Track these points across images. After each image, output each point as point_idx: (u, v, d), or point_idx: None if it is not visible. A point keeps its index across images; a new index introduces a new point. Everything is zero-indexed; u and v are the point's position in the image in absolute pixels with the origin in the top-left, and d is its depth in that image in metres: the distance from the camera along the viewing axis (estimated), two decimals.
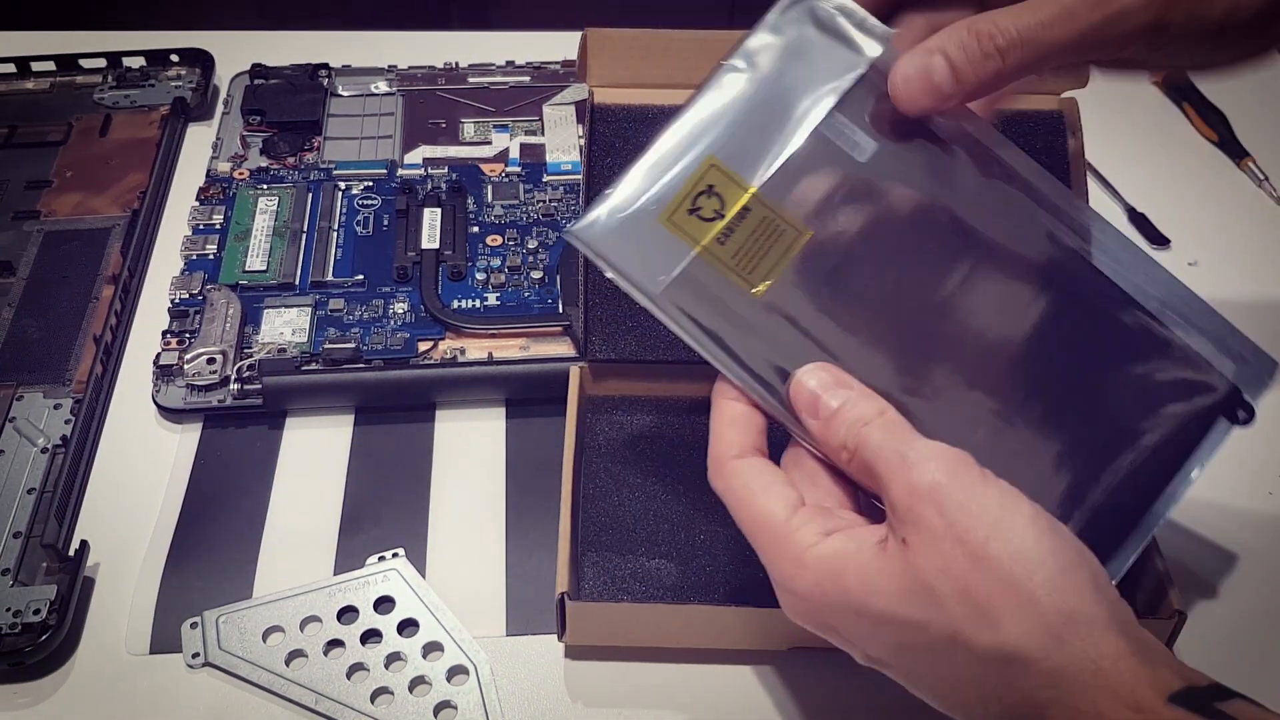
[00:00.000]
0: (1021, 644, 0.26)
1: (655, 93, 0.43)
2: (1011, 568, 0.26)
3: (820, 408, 0.31)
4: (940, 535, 0.27)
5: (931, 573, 0.27)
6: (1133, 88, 0.67)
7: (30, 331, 0.50)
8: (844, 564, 0.29)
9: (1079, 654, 0.26)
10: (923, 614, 0.27)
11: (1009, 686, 0.27)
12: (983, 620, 0.26)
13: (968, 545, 0.27)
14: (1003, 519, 0.27)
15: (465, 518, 0.45)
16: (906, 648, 0.28)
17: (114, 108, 0.61)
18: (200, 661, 0.39)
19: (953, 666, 0.28)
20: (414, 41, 0.68)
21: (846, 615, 0.29)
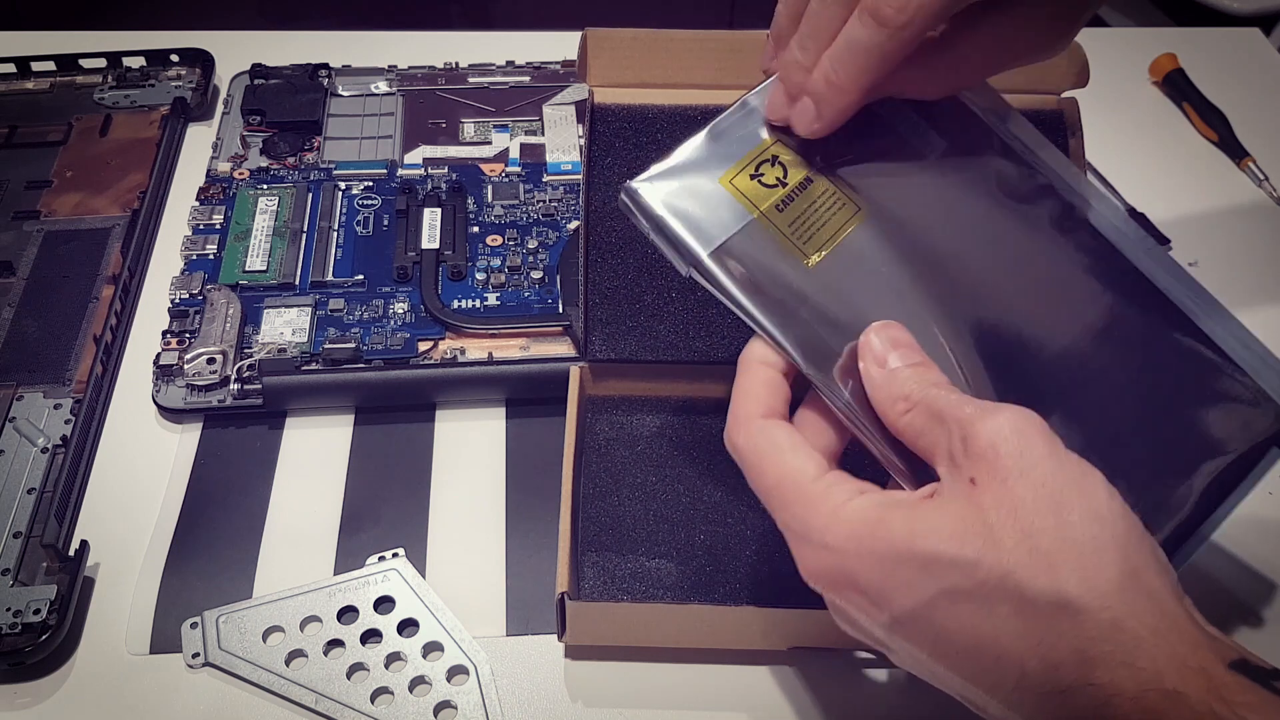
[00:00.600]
0: (1081, 592, 0.25)
1: (655, 93, 0.43)
2: (1083, 521, 0.26)
3: (890, 359, 0.30)
4: (1016, 476, 0.26)
5: (996, 511, 0.26)
6: (1133, 87, 0.67)
7: (30, 331, 0.50)
8: (888, 512, 0.28)
9: (1141, 610, 0.25)
10: (975, 553, 0.26)
11: (1057, 637, 0.25)
12: (1043, 564, 0.25)
13: (1043, 491, 0.26)
14: (1081, 479, 0.26)
15: (465, 518, 0.45)
16: (946, 595, 0.27)
17: (114, 108, 0.61)
18: (200, 661, 0.39)
19: (995, 616, 0.26)
20: (414, 41, 0.68)
21: (882, 566, 0.27)
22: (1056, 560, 0.25)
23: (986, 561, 0.26)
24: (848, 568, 0.28)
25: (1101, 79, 0.43)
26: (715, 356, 0.44)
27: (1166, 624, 0.25)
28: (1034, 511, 0.26)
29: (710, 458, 0.44)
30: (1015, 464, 0.26)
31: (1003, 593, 0.26)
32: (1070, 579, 0.25)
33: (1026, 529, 0.26)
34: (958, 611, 0.27)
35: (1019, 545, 0.26)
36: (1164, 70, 0.66)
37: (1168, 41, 0.69)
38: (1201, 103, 0.64)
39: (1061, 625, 0.25)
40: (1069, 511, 0.26)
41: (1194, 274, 0.55)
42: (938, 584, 0.27)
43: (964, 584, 0.26)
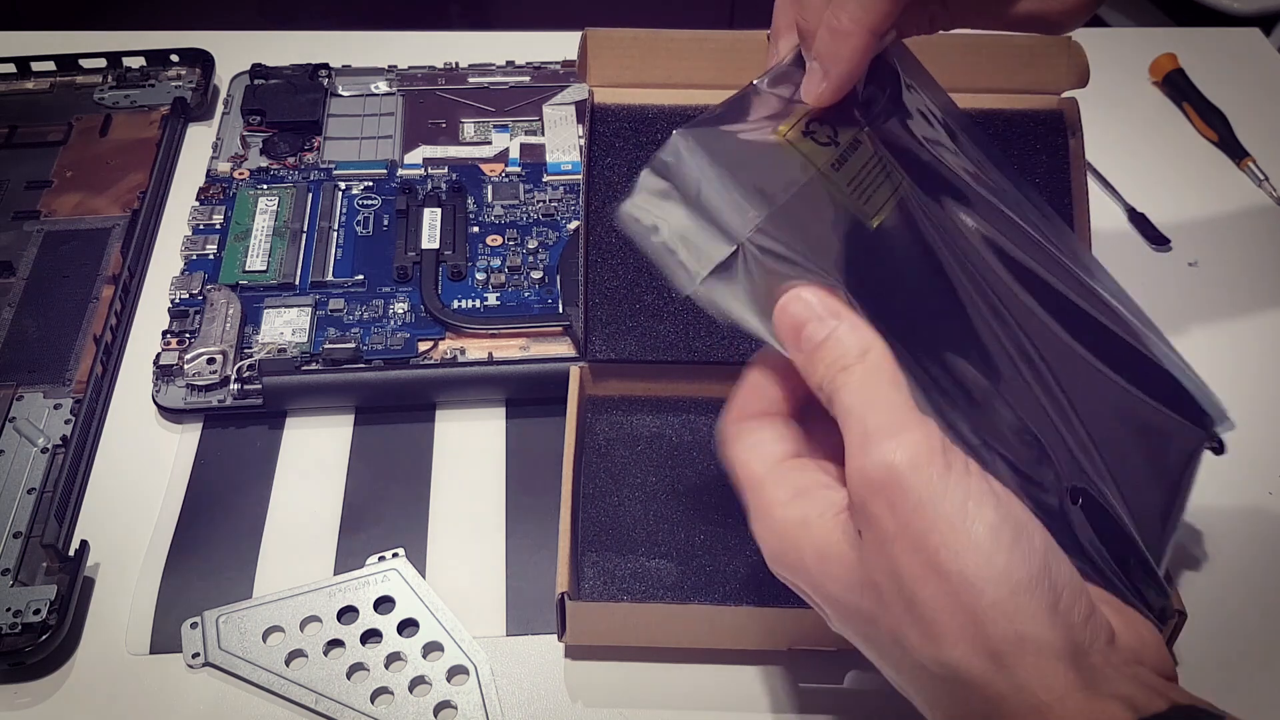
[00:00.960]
0: (963, 665, 0.25)
1: (655, 92, 0.43)
2: (959, 584, 0.24)
3: (804, 339, 0.28)
4: (891, 537, 0.25)
5: (879, 573, 0.26)
6: (1133, 87, 0.67)
7: (30, 331, 0.50)
8: (803, 537, 0.28)
9: (1021, 684, 0.24)
10: (872, 609, 0.26)
11: (954, 698, 0.26)
12: (927, 633, 0.25)
13: (918, 553, 0.25)
14: (960, 526, 0.25)
15: (465, 517, 0.45)
16: (859, 635, 0.28)
17: (114, 108, 0.61)
18: (200, 661, 0.39)
19: (901, 665, 0.27)
20: (414, 41, 0.68)
21: (809, 585, 0.29)
22: (938, 628, 0.25)
23: (883, 620, 0.26)
24: (786, 573, 0.29)
25: (1101, 79, 0.43)
26: (715, 356, 0.44)
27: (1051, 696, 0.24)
28: (912, 576, 0.25)
29: (710, 458, 0.44)
30: (891, 524, 0.25)
31: (901, 651, 0.26)
32: (953, 651, 0.25)
33: (909, 595, 0.25)
34: (871, 647, 0.28)
35: (905, 612, 0.25)
36: (1164, 70, 0.66)
37: (1168, 41, 0.69)
38: (1201, 103, 0.64)
39: (954, 689, 0.25)
40: (945, 577, 0.25)
41: (1194, 274, 0.55)
42: (851, 623, 0.28)
43: (870, 631, 0.27)
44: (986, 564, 0.24)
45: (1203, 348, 0.52)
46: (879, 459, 0.25)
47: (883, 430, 0.26)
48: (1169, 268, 0.56)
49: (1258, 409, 0.49)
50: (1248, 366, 0.51)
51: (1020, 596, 0.24)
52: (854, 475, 0.26)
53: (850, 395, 0.27)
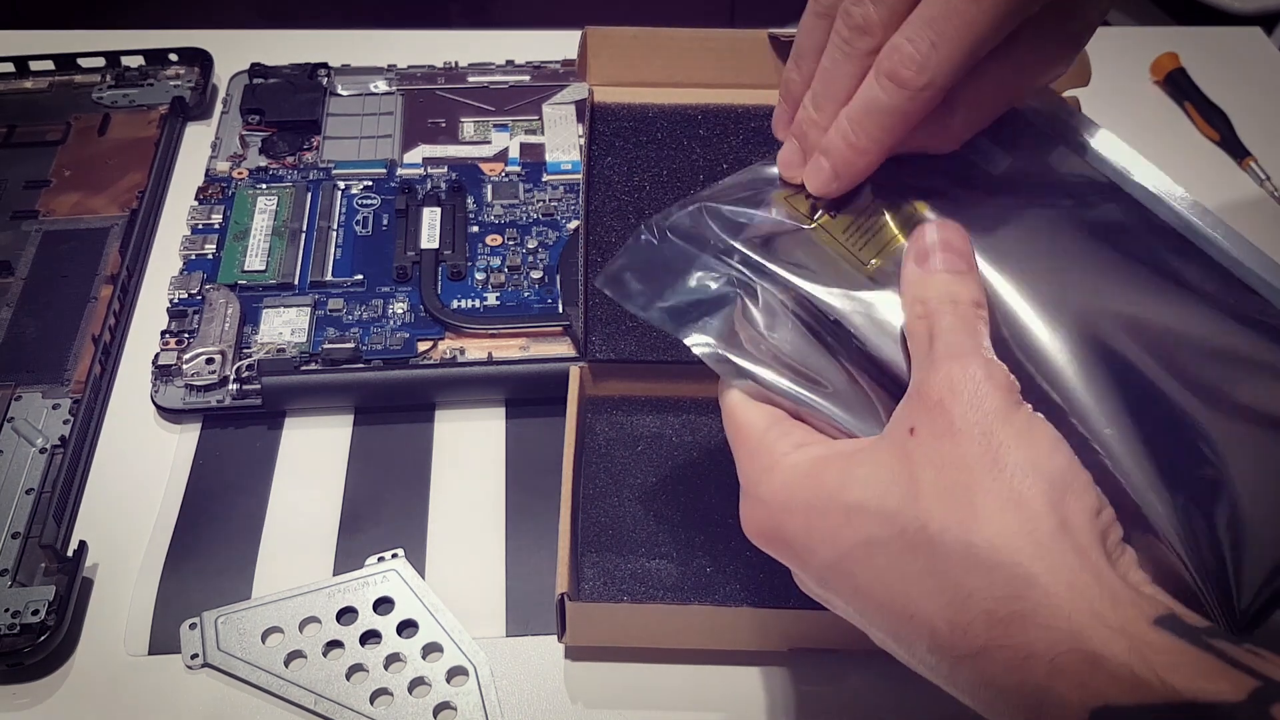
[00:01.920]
0: (995, 545, 0.24)
1: (655, 92, 0.43)
2: (1014, 473, 0.24)
3: (930, 262, 0.29)
4: (954, 433, 0.25)
5: (925, 464, 0.25)
6: (1134, 86, 0.67)
7: (28, 331, 0.50)
8: (823, 464, 0.28)
9: (1060, 564, 0.23)
10: (896, 503, 0.25)
11: (966, 597, 0.24)
12: (959, 516, 0.24)
13: (978, 448, 0.25)
14: (1027, 432, 0.25)
15: (465, 518, 0.45)
16: (864, 545, 0.26)
17: (113, 107, 0.61)
18: (199, 662, 0.39)
19: (907, 571, 0.25)
20: (413, 41, 0.68)
21: (808, 517, 0.27)
22: (974, 513, 0.24)
23: (905, 513, 0.25)
24: (777, 521, 0.28)
25: (1102, 78, 0.43)
26: None
27: (1087, 579, 0.23)
28: (962, 467, 0.25)
29: (710, 458, 0.44)
30: (958, 421, 0.25)
31: (916, 546, 0.25)
32: (984, 531, 0.24)
33: (951, 483, 0.25)
34: (874, 564, 0.26)
35: (940, 498, 0.25)
36: (1165, 69, 0.66)
37: (1169, 41, 0.69)
38: (1203, 102, 0.64)
39: (970, 583, 0.24)
40: (1001, 465, 0.25)
41: None
42: (857, 534, 0.26)
43: (881, 534, 0.26)
44: (1046, 462, 0.25)
45: None
46: (969, 367, 0.26)
47: (976, 354, 0.27)
48: None
49: None
50: None
51: (1071, 496, 0.25)
52: (938, 375, 0.26)
53: (952, 321, 0.27)
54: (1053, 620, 0.23)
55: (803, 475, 0.28)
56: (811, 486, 0.27)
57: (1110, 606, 0.23)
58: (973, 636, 0.24)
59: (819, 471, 0.28)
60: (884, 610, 0.26)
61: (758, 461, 0.29)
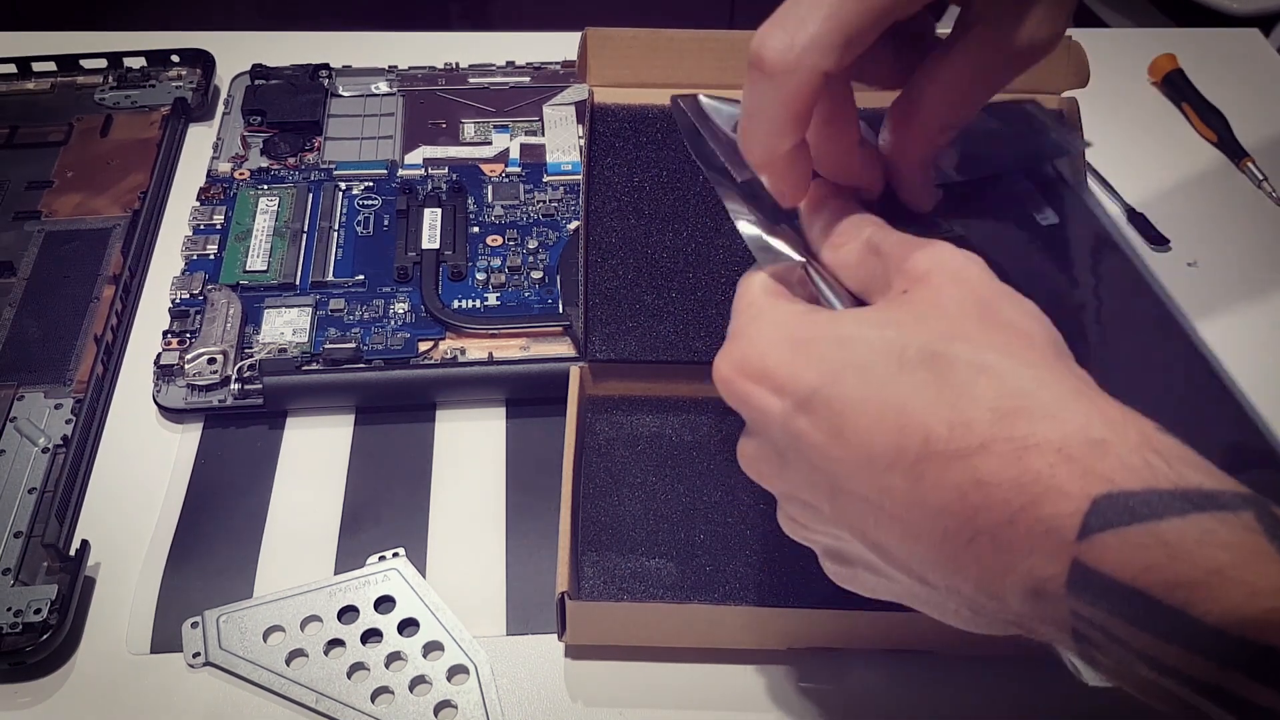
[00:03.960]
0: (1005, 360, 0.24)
1: (655, 92, 0.43)
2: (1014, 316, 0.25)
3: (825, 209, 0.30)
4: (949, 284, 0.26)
5: (925, 305, 0.26)
6: (1132, 88, 0.67)
7: (31, 331, 0.50)
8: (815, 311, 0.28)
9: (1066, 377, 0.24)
10: (898, 331, 0.25)
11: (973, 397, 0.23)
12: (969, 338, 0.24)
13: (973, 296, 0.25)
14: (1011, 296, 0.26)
15: (465, 517, 0.45)
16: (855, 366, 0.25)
17: (115, 108, 0.62)
18: (201, 661, 0.39)
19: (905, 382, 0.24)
20: (414, 42, 0.68)
21: (794, 346, 0.27)
22: (982, 338, 0.24)
23: (907, 335, 0.25)
24: (759, 351, 0.27)
25: (1100, 79, 0.43)
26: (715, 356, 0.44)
27: (1093, 394, 0.23)
28: (961, 311, 0.25)
29: (710, 458, 0.44)
30: (952, 278, 0.26)
31: (919, 363, 0.24)
32: (994, 350, 0.24)
33: (958, 316, 0.25)
34: (866, 380, 0.25)
35: (946, 326, 0.25)
36: (1163, 71, 0.66)
37: (1167, 42, 0.69)
38: (1201, 103, 0.64)
39: (979, 385, 0.23)
40: (1000, 308, 0.25)
41: (1193, 275, 0.55)
42: (851, 356, 0.25)
43: (878, 356, 0.25)
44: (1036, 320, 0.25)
45: None
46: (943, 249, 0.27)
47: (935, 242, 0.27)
48: (1168, 268, 0.56)
49: (1258, 409, 0.49)
50: (1247, 366, 0.51)
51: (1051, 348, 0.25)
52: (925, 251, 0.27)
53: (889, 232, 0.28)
54: (1063, 413, 0.22)
55: (795, 315, 0.28)
56: (803, 323, 0.27)
57: (1119, 412, 0.23)
58: (976, 432, 0.23)
59: (812, 313, 0.28)
60: (870, 425, 0.25)
61: (748, 314, 0.29)
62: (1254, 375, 0.51)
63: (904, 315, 0.26)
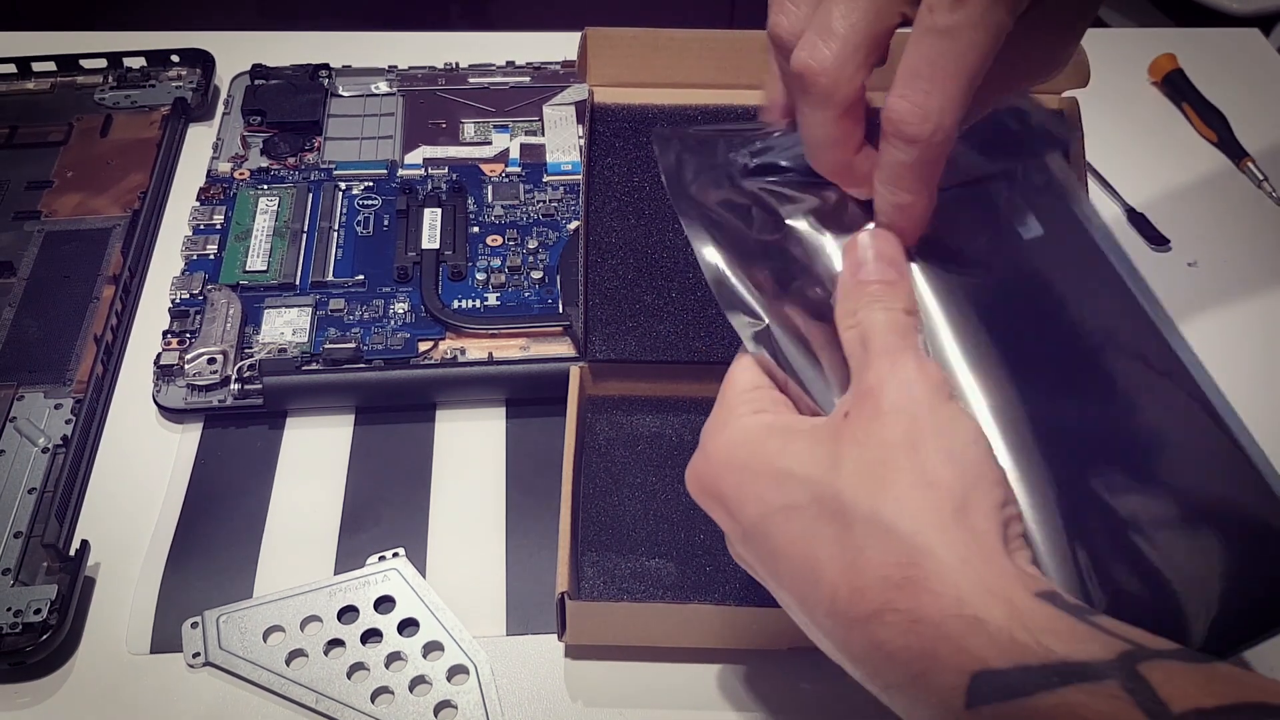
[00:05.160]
0: (902, 515, 0.25)
1: (655, 92, 0.43)
2: (929, 457, 0.26)
3: (862, 270, 0.30)
4: (882, 413, 0.26)
5: (852, 441, 0.27)
6: (1133, 88, 0.67)
7: (31, 331, 0.50)
8: (765, 431, 0.29)
9: (956, 540, 0.25)
10: (819, 474, 0.27)
11: (866, 561, 0.25)
12: (872, 486, 0.26)
13: (902, 430, 0.26)
14: (948, 424, 0.26)
15: (465, 517, 0.45)
16: (784, 509, 0.27)
17: (114, 108, 0.62)
18: (201, 661, 0.39)
19: (819, 535, 0.26)
20: (414, 42, 0.68)
21: (742, 476, 0.29)
22: (886, 485, 0.25)
23: (825, 482, 0.26)
24: (716, 475, 0.30)
25: (1101, 79, 0.43)
26: (715, 357, 0.44)
27: (979, 555, 0.25)
28: (885, 445, 0.26)
29: None
30: (886, 405, 0.27)
31: (830, 514, 0.26)
32: (892, 503, 0.25)
33: (871, 460, 0.26)
34: (791, 526, 0.27)
35: (858, 472, 0.26)
36: (1163, 70, 0.66)
37: (1167, 42, 0.69)
38: (1201, 103, 0.64)
39: (872, 548, 0.25)
40: (918, 448, 0.26)
41: (1193, 275, 0.55)
42: (782, 498, 0.27)
43: (801, 500, 0.27)
44: (962, 453, 0.26)
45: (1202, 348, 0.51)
46: (901, 365, 0.27)
47: (909, 354, 0.28)
48: (1168, 268, 0.56)
49: (1258, 409, 0.49)
50: (1247, 366, 0.51)
51: (981, 487, 0.26)
52: (869, 370, 0.28)
53: (884, 324, 0.29)
54: (942, 587, 0.24)
55: (748, 437, 0.29)
56: (752, 449, 0.29)
57: (997, 578, 0.24)
58: (869, 600, 0.25)
59: (763, 438, 0.29)
60: (794, 573, 0.27)
61: (717, 418, 0.30)
62: (1254, 375, 0.51)
63: (835, 450, 0.27)
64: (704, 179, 0.33)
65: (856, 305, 0.29)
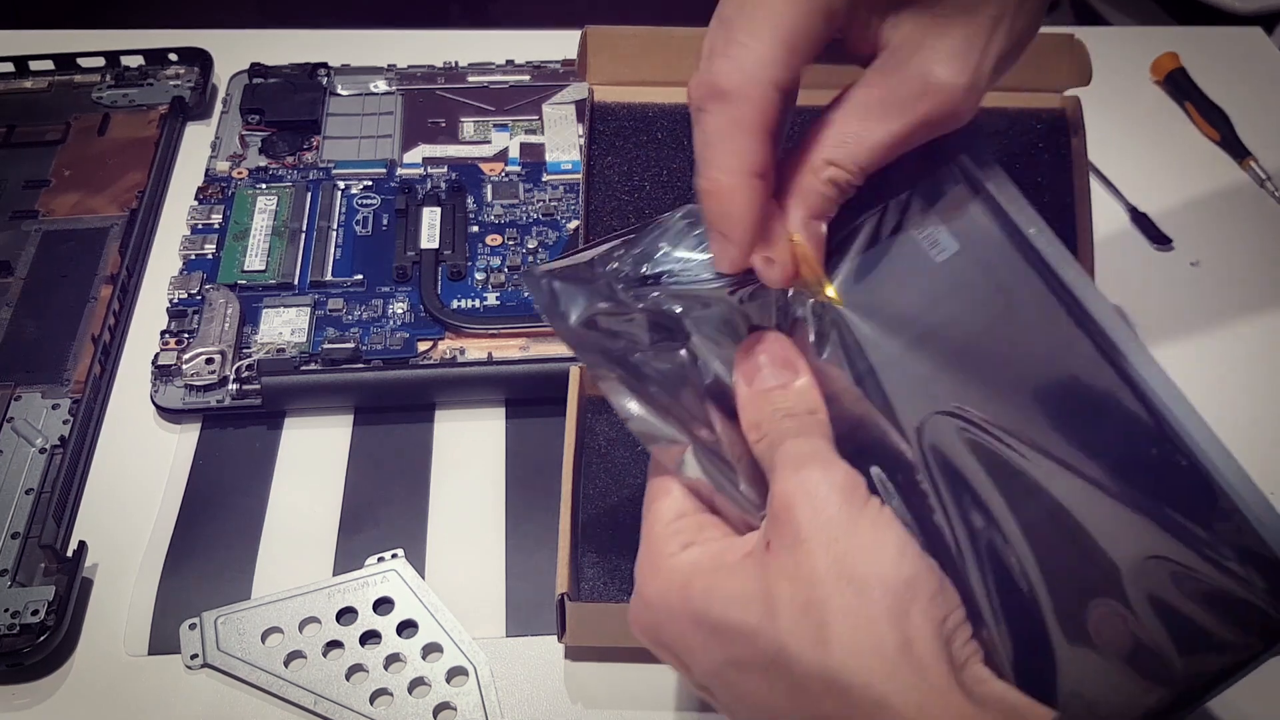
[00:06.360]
0: (848, 669, 0.24)
1: (655, 91, 0.43)
2: (861, 589, 0.25)
3: (758, 379, 0.29)
4: (803, 539, 0.26)
5: (780, 580, 0.26)
6: (1135, 86, 0.67)
7: (28, 331, 0.50)
8: (695, 571, 0.28)
9: (908, 685, 0.24)
10: (756, 622, 0.26)
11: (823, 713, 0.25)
12: (814, 637, 0.25)
13: (826, 560, 0.25)
14: (870, 540, 0.26)
15: (465, 518, 0.44)
16: (732, 664, 0.27)
17: (112, 107, 0.61)
18: (199, 663, 0.39)
19: (774, 690, 0.26)
20: (413, 40, 0.68)
21: (683, 626, 0.28)
22: (828, 634, 0.25)
23: (765, 633, 0.26)
24: (658, 623, 0.29)
25: (1103, 78, 0.43)
26: None
27: (933, 699, 0.24)
28: (813, 582, 0.25)
29: None
30: (804, 531, 0.26)
31: (778, 667, 0.26)
32: (838, 655, 0.25)
33: (805, 601, 0.25)
34: (744, 680, 0.27)
35: (796, 619, 0.25)
36: (1165, 69, 0.66)
37: (1169, 40, 0.69)
38: (1203, 102, 0.64)
39: (827, 706, 0.25)
40: (848, 578, 0.25)
41: (1196, 275, 0.55)
42: (725, 651, 0.27)
43: (746, 654, 0.26)
44: (892, 573, 0.25)
45: (1204, 348, 0.52)
46: (808, 477, 0.27)
47: (816, 460, 0.27)
48: (1171, 268, 0.56)
49: (1259, 409, 0.49)
50: (1249, 366, 0.51)
51: (918, 606, 0.25)
52: (778, 489, 0.27)
53: (790, 433, 0.28)
54: None
55: (678, 584, 0.28)
56: (684, 597, 0.28)
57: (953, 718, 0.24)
58: None
59: (690, 581, 0.28)
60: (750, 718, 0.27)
61: (647, 559, 0.29)
62: (1256, 375, 0.51)
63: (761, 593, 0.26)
64: (583, 304, 0.31)
65: (759, 416, 0.29)
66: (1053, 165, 0.43)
